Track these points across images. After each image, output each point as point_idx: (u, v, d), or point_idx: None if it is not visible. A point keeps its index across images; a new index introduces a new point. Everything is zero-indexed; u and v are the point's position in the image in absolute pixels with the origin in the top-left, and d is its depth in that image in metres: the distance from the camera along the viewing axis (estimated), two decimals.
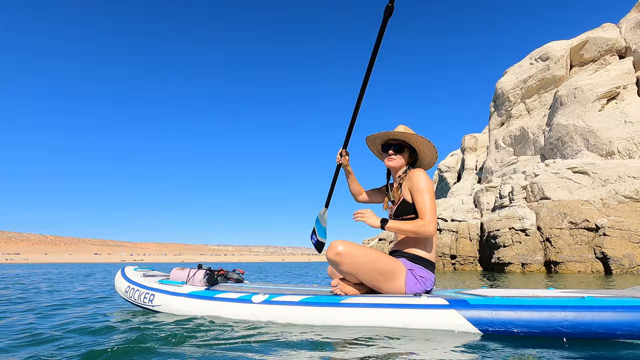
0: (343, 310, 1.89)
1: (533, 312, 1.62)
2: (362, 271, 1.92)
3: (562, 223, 11.19)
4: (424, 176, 1.98)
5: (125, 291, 2.88)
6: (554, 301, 1.64)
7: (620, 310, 1.54)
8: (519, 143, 18.75)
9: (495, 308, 1.67)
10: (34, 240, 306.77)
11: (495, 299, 1.72)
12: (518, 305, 1.66)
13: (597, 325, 1.54)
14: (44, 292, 4.88)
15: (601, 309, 1.56)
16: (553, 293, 1.87)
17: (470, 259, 13.72)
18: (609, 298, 1.63)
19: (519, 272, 11.01)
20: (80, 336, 1.90)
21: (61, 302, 3.58)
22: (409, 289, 1.96)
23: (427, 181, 1.96)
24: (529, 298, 1.71)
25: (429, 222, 1.86)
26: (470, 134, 30.73)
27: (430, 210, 1.89)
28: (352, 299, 1.92)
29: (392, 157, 2.14)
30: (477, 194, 16.14)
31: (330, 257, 1.92)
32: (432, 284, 2.03)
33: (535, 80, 19.22)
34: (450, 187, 29.79)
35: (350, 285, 2.04)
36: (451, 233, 14.42)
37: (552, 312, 1.59)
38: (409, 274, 1.96)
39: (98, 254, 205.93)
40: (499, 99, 21.16)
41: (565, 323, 1.56)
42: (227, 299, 2.22)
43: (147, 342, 1.66)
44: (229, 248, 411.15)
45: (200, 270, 2.60)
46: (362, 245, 2.11)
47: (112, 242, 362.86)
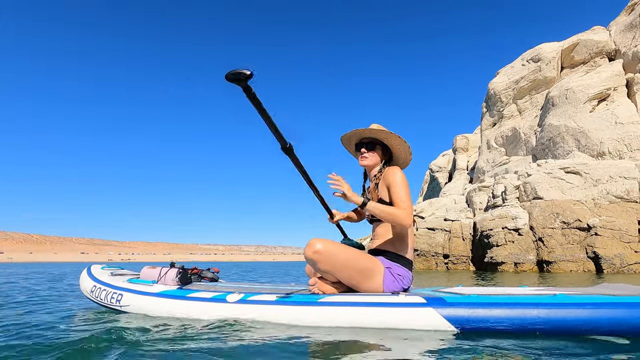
0: (320, 309, 1.86)
1: (508, 309, 1.65)
2: (340, 270, 1.90)
3: (554, 223, 11.25)
4: (400, 172, 1.96)
5: (91, 291, 2.74)
6: (528, 299, 1.67)
7: (589, 307, 1.59)
8: (510, 143, 18.87)
9: (471, 306, 1.69)
10: (18, 239, 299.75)
11: (472, 297, 1.74)
12: (493, 303, 1.68)
13: (569, 322, 1.59)
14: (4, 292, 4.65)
15: (572, 306, 1.61)
16: (526, 291, 1.89)
17: (463, 259, 13.72)
18: (579, 295, 1.68)
19: (512, 272, 11.02)
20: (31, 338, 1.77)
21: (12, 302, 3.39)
22: (387, 287, 1.95)
23: (403, 177, 1.95)
24: (504, 296, 1.74)
25: (405, 212, 1.84)
26: (462, 135, 30.90)
27: (407, 202, 1.87)
28: (329, 298, 1.90)
29: (365, 155, 2.12)
30: (470, 193, 16.18)
31: (308, 256, 1.88)
32: (409, 282, 2.02)
33: (527, 81, 19.37)
34: (442, 187, 29.93)
35: (328, 284, 2.02)
36: (444, 232, 14.41)
37: (526, 309, 1.63)
38: (387, 272, 1.95)
39: (85, 253, 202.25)
40: (491, 100, 21.28)
41: (539, 320, 1.61)
42: (201, 298, 2.15)
43: (108, 344, 1.57)
44: (220, 247, 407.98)
45: (172, 269, 2.50)
46: (340, 243, 2.02)
47: (100, 241, 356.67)
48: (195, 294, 2.21)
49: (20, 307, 3.02)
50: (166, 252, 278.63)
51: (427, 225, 14.98)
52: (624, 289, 1.82)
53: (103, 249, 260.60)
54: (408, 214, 1.85)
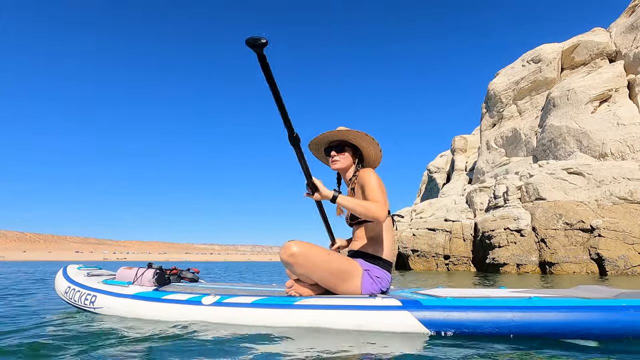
0: (296, 312, 1.85)
1: (483, 312, 1.65)
2: (316, 272, 1.89)
3: (557, 224, 11.13)
4: (373, 173, 1.95)
5: (65, 292, 2.69)
6: (503, 302, 1.68)
7: (562, 311, 1.60)
8: (510, 144, 18.80)
9: (446, 309, 1.69)
10: (11, 237, 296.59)
11: (448, 299, 1.73)
12: (469, 306, 1.68)
13: (542, 325, 1.59)
14: None
15: (545, 309, 1.61)
16: (503, 293, 1.88)
17: (464, 259, 13.59)
18: (554, 298, 1.68)
19: (514, 273, 10.90)
20: None
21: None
22: (365, 289, 1.94)
23: (377, 177, 1.94)
24: (480, 298, 1.73)
25: (381, 207, 1.81)
26: (460, 135, 30.85)
27: (381, 198, 1.85)
28: (305, 301, 1.89)
29: (336, 159, 2.09)
30: (470, 194, 16.06)
31: (284, 258, 1.86)
32: (388, 284, 2.02)
33: (527, 82, 19.31)
34: (440, 188, 29.89)
35: (305, 286, 2.00)
36: (445, 233, 14.27)
37: (501, 312, 1.63)
38: (365, 274, 1.94)
39: (79, 252, 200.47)
40: (490, 100, 21.21)
41: (513, 323, 1.61)
42: (176, 300, 2.12)
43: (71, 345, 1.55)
44: (216, 247, 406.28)
45: (149, 270, 2.47)
46: (318, 245, 1.96)
47: (95, 240, 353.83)
48: (170, 295, 2.16)
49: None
50: (161, 251, 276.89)
51: (428, 226, 14.83)
52: (599, 292, 1.84)
53: (98, 248, 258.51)
54: (381, 207, 1.81)
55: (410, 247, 14.53)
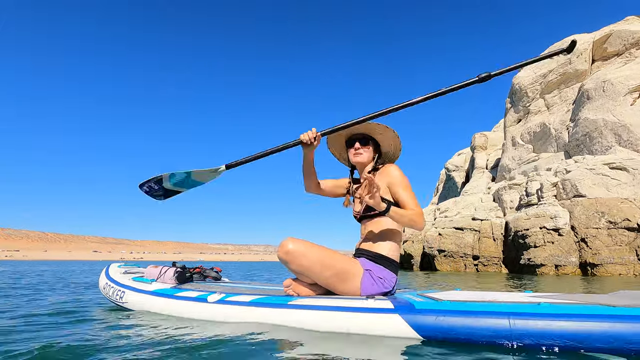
0: (288, 312, 1.85)
1: (478, 318, 1.53)
2: (313, 271, 1.86)
3: (599, 222, 10.42)
4: (399, 171, 1.94)
5: (104, 288, 2.91)
6: (503, 307, 1.55)
7: (576, 319, 1.43)
8: (539, 140, 17.98)
9: (440, 313, 1.59)
10: (33, 237, 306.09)
11: (443, 303, 1.64)
12: (464, 311, 1.57)
13: (549, 335, 1.44)
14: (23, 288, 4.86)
15: (553, 317, 1.46)
16: (514, 298, 1.74)
17: (495, 260, 12.94)
18: (568, 305, 1.51)
19: (552, 275, 10.25)
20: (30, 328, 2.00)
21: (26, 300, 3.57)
22: (365, 290, 1.87)
23: (403, 176, 1.92)
24: (477, 303, 1.60)
25: (421, 214, 1.81)
26: (481, 132, 30.00)
27: (415, 202, 1.84)
28: (299, 301, 1.88)
29: (360, 152, 2.05)
30: (499, 191, 15.36)
31: (280, 256, 1.86)
32: (392, 285, 1.93)
33: (556, 75, 18.46)
34: (459, 187, 29.14)
35: (304, 286, 1.97)
36: (473, 232, 13.65)
37: (497, 319, 1.51)
38: (365, 274, 1.88)
39: (97, 252, 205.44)
40: (515, 95, 20.40)
41: (512, 332, 1.48)
42: (186, 297, 2.23)
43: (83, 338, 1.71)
44: (229, 247, 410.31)
45: (171, 268, 2.62)
46: (316, 244, 1.92)
47: (112, 239, 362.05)
48: (183, 292, 2.28)
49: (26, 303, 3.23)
50: (176, 251, 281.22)
51: (455, 225, 14.23)
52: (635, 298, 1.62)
53: (115, 248, 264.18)
54: (422, 216, 1.82)
55: (436, 247, 13.96)
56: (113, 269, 3.10)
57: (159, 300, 2.34)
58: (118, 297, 2.66)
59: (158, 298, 2.36)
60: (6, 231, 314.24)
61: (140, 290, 2.52)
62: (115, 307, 2.76)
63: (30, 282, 6.39)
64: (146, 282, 2.59)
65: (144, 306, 2.44)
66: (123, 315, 2.40)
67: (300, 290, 1.96)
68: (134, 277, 2.78)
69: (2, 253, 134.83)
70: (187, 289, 2.32)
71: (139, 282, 2.63)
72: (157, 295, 2.38)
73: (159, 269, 2.68)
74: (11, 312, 2.66)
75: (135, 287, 2.57)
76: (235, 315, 1.97)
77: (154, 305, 2.36)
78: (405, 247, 15.89)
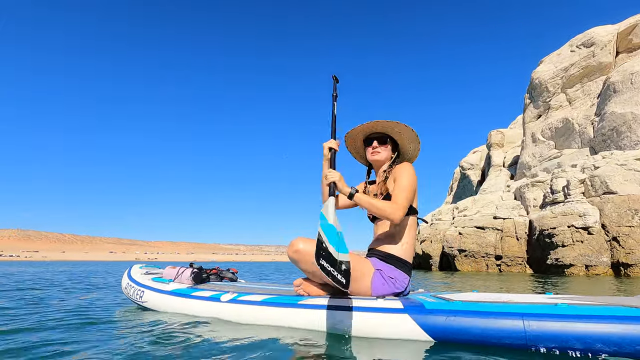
0: (297, 312, 1.85)
1: (491, 319, 1.48)
2: None
3: (632, 220, 9.93)
4: (411, 169, 1.91)
5: (125, 288, 2.99)
6: (517, 308, 1.49)
7: (594, 321, 1.34)
8: (561, 135, 17.38)
9: (450, 314, 1.55)
10: (52, 238, 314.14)
11: (455, 303, 1.59)
12: (476, 312, 1.52)
13: (566, 337, 1.36)
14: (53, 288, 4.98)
15: (572, 319, 1.38)
16: (530, 299, 1.68)
17: (518, 260, 12.50)
18: (583, 306, 1.43)
19: (582, 275, 9.79)
20: None
21: None
22: (376, 290, 1.85)
23: (412, 174, 1.89)
24: (490, 304, 1.55)
25: (399, 208, 1.79)
26: (497, 130, 29.38)
27: (403, 197, 1.82)
28: (308, 300, 1.87)
29: (378, 150, 2.05)
30: (521, 189, 14.87)
31: (289, 255, 1.86)
32: (403, 286, 1.89)
33: (578, 68, 17.83)
34: (474, 185, 28.58)
35: (314, 286, 1.96)
36: (495, 231, 13.22)
37: (512, 320, 1.45)
38: (376, 274, 1.86)
39: (113, 252, 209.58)
40: (535, 90, 19.79)
41: (527, 334, 1.41)
42: (200, 297, 2.27)
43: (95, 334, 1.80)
44: (241, 247, 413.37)
45: (188, 269, 2.69)
46: None
47: (127, 240, 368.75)
48: (198, 292, 2.32)
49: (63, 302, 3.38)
50: (189, 251, 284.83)
51: (475, 224, 13.82)
52: None
53: (130, 249, 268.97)
54: (397, 209, 1.79)
55: (456, 247, 13.58)
56: (135, 270, 3.19)
57: (176, 300, 2.40)
58: (138, 297, 2.74)
59: (175, 297, 2.42)
60: (27, 232, 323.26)
61: (158, 290, 2.59)
62: (136, 306, 2.86)
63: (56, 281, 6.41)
64: (164, 282, 2.66)
65: (162, 305, 2.50)
66: (142, 314, 2.49)
67: (311, 290, 1.96)
68: (153, 278, 2.86)
69: (22, 254, 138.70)
70: (202, 289, 2.37)
71: (157, 282, 2.70)
72: (174, 295, 2.44)
73: (176, 269, 2.76)
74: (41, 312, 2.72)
75: (154, 287, 2.65)
76: (247, 314, 2.00)
77: (171, 304, 2.43)
78: (424, 246, 15.54)
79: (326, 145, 2.02)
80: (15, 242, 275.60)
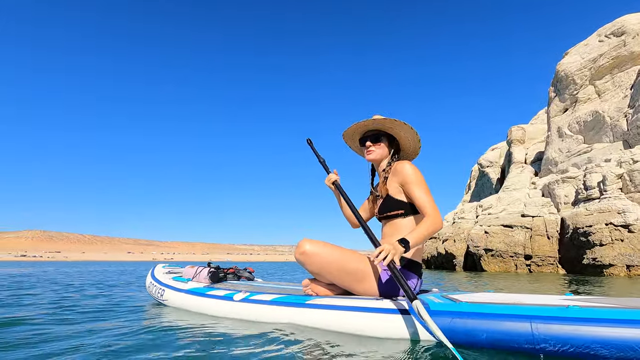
0: (305, 311, 1.87)
1: (497, 321, 1.41)
2: (329, 272, 1.85)
3: None
4: (411, 167, 1.85)
5: (149, 286, 3.12)
6: (524, 310, 1.41)
7: (610, 325, 1.25)
8: (591, 129, 16.61)
9: (456, 315, 1.49)
10: (72, 239, 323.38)
11: (461, 304, 1.53)
12: (482, 313, 1.46)
13: (577, 341, 1.27)
14: None
15: (584, 322, 1.29)
16: (540, 300, 1.57)
17: (550, 260, 11.94)
18: (597, 308, 1.32)
19: (623, 276, 9.22)
20: None
21: None
22: (384, 290, 1.82)
23: (416, 172, 1.83)
24: (497, 305, 1.48)
25: (436, 217, 1.72)
26: (518, 125, 28.54)
27: (430, 204, 1.76)
28: (315, 300, 1.88)
29: (371, 149, 2.02)
30: (550, 186, 14.24)
31: (296, 257, 1.87)
32: (412, 286, 1.82)
33: (607, 59, 17.02)
34: (493, 183, 27.85)
35: (322, 286, 1.98)
36: (524, 230, 12.68)
37: (518, 323, 1.38)
38: (383, 274, 1.83)
39: (131, 253, 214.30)
40: (561, 83, 19.01)
41: (535, 337, 1.33)
42: (215, 296, 2.32)
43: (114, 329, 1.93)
44: (255, 247, 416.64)
45: (205, 268, 2.78)
46: (333, 244, 1.87)
47: (144, 241, 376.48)
48: (213, 291, 2.37)
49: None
50: (205, 252, 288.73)
51: (502, 222, 13.29)
52: None
53: (147, 249, 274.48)
54: (438, 217, 1.73)
55: (482, 246, 13.09)
56: (158, 269, 3.32)
57: (193, 298, 2.47)
58: (159, 295, 2.85)
59: (192, 296, 2.49)
60: (49, 233, 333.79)
61: (177, 288, 2.69)
62: (157, 303, 2.99)
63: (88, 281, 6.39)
64: (183, 281, 2.76)
65: (179, 304, 2.59)
66: (161, 312, 2.58)
67: (318, 290, 1.98)
68: (173, 277, 2.96)
69: (45, 254, 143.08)
70: (217, 288, 2.43)
71: (177, 281, 2.80)
72: (191, 294, 2.51)
73: (195, 269, 2.85)
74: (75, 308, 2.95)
75: (174, 285, 2.75)
76: (257, 313, 2.03)
77: (188, 303, 2.51)
78: (446, 246, 15.07)
79: (327, 182, 2.09)
80: (38, 242, 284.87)
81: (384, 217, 1.96)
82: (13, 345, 1.59)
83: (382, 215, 1.95)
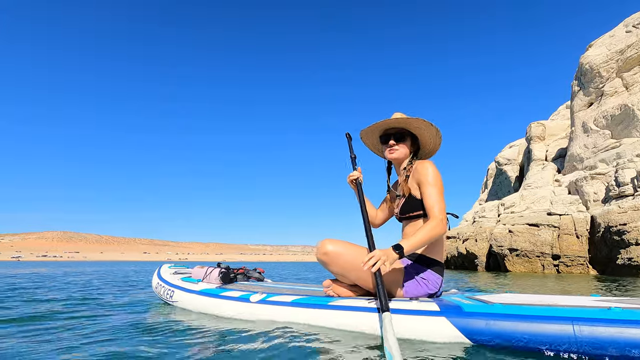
0: (326, 313, 1.83)
1: (536, 323, 1.38)
2: (352, 272, 1.83)
3: None
4: (432, 168, 1.83)
5: (156, 287, 3.08)
6: (565, 311, 1.38)
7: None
8: (619, 124, 15.89)
9: (491, 317, 1.46)
10: (91, 239, 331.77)
11: (495, 306, 1.51)
12: (518, 315, 1.42)
13: (622, 344, 1.23)
14: None
15: (629, 324, 1.25)
16: (578, 301, 1.52)
17: (580, 260, 11.41)
18: None
19: None
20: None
21: None
22: (409, 292, 1.81)
23: (435, 174, 1.82)
24: (535, 307, 1.45)
25: (439, 222, 1.72)
26: (537, 122, 27.76)
27: (438, 206, 1.75)
28: (337, 301, 1.85)
29: (394, 148, 1.99)
30: (578, 183, 13.65)
31: (319, 258, 1.86)
32: (437, 287, 1.84)
33: (636, 50, 16.28)
34: (512, 181, 27.14)
35: (344, 287, 1.96)
36: (552, 229, 12.16)
37: (560, 325, 1.34)
38: (408, 275, 1.83)
39: (147, 253, 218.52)
40: (585, 76, 18.30)
41: (578, 339, 1.30)
42: (229, 297, 2.28)
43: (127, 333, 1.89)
44: (267, 247, 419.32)
45: (216, 269, 2.73)
46: (355, 245, 1.83)
47: (160, 241, 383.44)
48: (227, 292, 2.34)
49: None
50: (218, 252, 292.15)
51: (527, 221, 12.79)
52: None
53: (162, 249, 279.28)
54: (440, 223, 1.72)
55: (506, 246, 12.62)
56: (164, 270, 3.28)
57: (205, 300, 2.43)
58: (168, 296, 2.82)
59: (204, 297, 2.45)
60: (68, 234, 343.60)
61: (188, 289, 2.64)
62: (166, 304, 2.95)
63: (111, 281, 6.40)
64: (193, 282, 2.72)
65: (192, 305, 2.55)
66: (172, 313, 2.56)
67: (340, 291, 1.95)
68: (182, 278, 2.93)
69: (65, 255, 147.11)
70: (231, 289, 2.40)
71: (187, 282, 2.76)
72: (204, 295, 2.47)
73: (204, 269, 2.80)
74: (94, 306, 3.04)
75: (184, 286, 2.71)
76: (277, 315, 1.99)
77: (201, 304, 2.46)
78: (467, 245, 14.62)
79: (349, 178, 2.04)
80: (58, 243, 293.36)
81: (405, 218, 1.94)
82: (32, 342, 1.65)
83: (405, 216, 1.93)
